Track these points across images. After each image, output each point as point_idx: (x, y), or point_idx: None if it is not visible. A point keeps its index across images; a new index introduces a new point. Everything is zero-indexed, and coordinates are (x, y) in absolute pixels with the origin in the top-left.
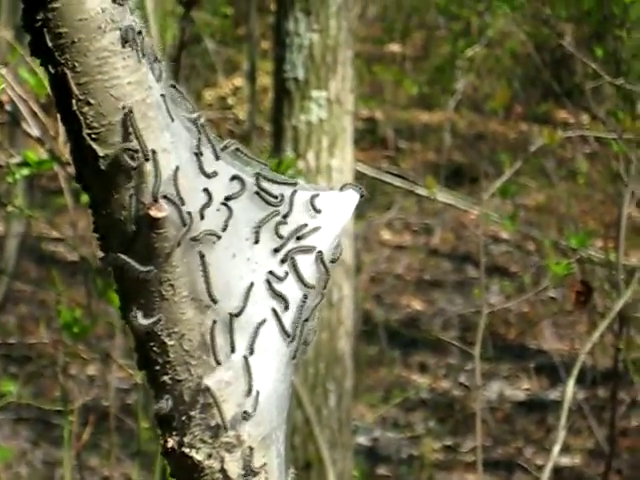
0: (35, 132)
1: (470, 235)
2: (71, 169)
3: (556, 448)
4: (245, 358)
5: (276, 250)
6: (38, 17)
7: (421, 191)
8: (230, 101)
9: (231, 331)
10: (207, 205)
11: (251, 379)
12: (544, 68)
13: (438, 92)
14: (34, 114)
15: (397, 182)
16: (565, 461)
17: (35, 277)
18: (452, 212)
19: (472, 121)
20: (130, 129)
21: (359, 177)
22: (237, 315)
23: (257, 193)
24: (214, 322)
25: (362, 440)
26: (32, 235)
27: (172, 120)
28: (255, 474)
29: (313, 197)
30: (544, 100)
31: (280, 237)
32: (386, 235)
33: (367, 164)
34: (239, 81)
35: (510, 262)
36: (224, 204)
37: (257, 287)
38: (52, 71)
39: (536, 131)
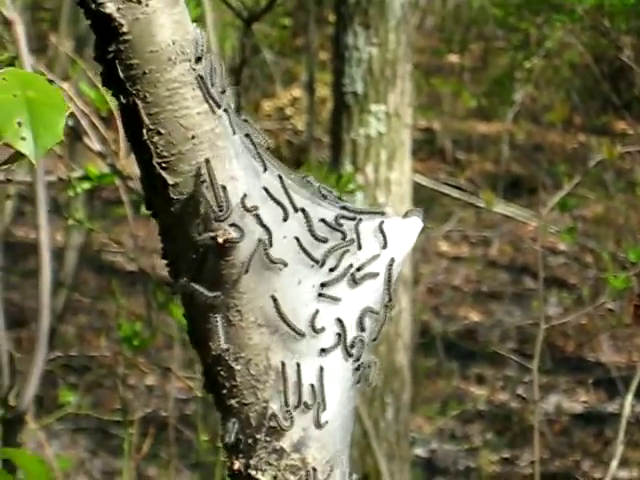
0: (96, 146)
1: (528, 247)
2: (132, 183)
3: (614, 462)
4: (312, 386)
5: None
6: (110, 49)
7: (479, 203)
8: (288, 112)
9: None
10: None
11: (324, 407)
12: (603, 79)
13: (496, 103)
14: (95, 128)
15: (455, 193)
16: (623, 475)
17: (94, 287)
18: (510, 224)
19: (530, 132)
20: (207, 179)
21: (417, 188)
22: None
23: (324, 221)
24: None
25: (419, 452)
26: (92, 245)
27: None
28: None
29: (381, 224)
30: (603, 112)
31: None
32: (444, 246)
33: (425, 175)
34: (297, 92)
35: (568, 274)
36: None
37: (322, 313)
38: (124, 101)
39: (594, 142)
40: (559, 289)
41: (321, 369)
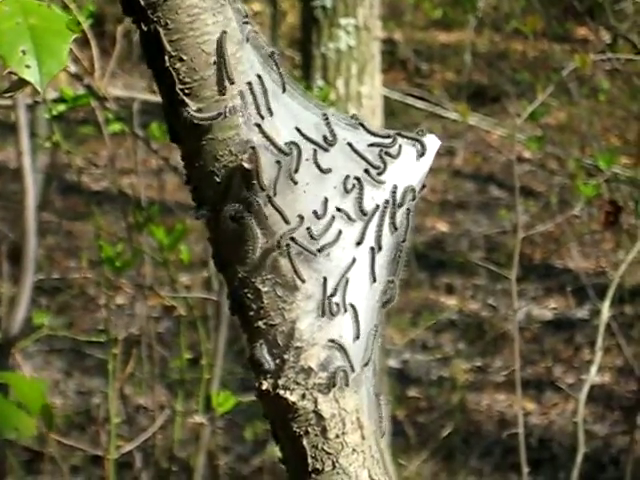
0: (71, 68)
1: (493, 156)
2: (108, 103)
3: (593, 369)
4: (353, 307)
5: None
6: None
7: (448, 114)
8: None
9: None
10: (299, 157)
11: (359, 325)
12: None
13: (459, 14)
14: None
15: (421, 105)
16: (595, 379)
17: (60, 208)
18: (474, 133)
19: (492, 41)
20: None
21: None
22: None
23: (351, 147)
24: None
25: (392, 363)
26: (56, 165)
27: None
28: (347, 413)
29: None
30: (564, 18)
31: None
32: None
33: (388, 87)
34: (257, 6)
35: (534, 182)
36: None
37: (345, 234)
38: (145, 29)
39: (557, 49)
40: (525, 197)
41: (347, 281)
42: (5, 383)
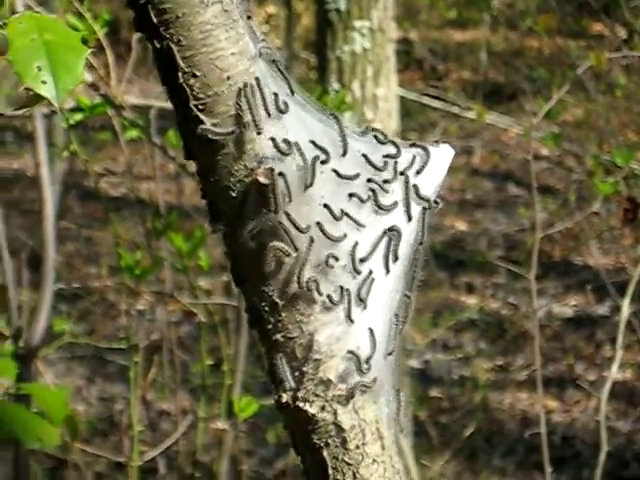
0: (87, 77)
1: (510, 154)
2: (125, 112)
3: (614, 367)
4: (371, 330)
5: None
6: None
7: (465, 113)
8: (264, 29)
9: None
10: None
11: (375, 343)
12: None
13: (474, 13)
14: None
15: (437, 104)
16: (617, 376)
17: (79, 214)
18: (491, 131)
19: (508, 38)
20: (245, 104)
21: (399, 101)
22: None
23: (364, 156)
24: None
25: (414, 363)
26: (74, 172)
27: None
28: (366, 424)
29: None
30: (579, 14)
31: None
32: None
33: (404, 87)
34: (271, 8)
35: (551, 179)
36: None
37: (361, 245)
38: (158, 46)
39: (572, 46)
40: (543, 195)
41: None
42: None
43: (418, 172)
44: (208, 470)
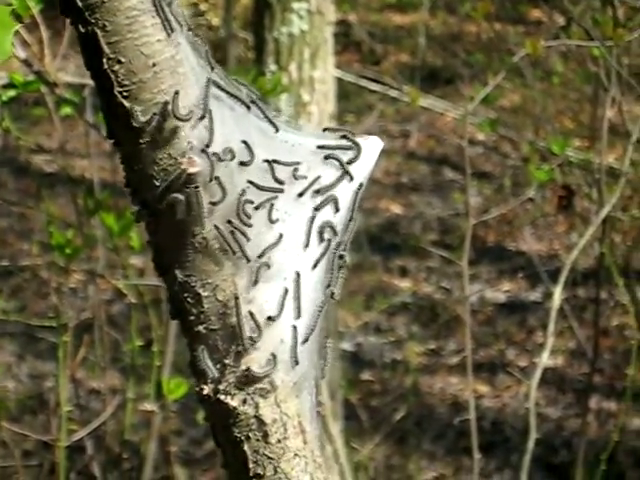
0: (21, 53)
1: (447, 138)
2: (58, 90)
3: (545, 354)
4: (294, 327)
5: (300, 194)
6: None
7: (402, 96)
8: (202, 7)
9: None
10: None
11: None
12: None
13: None
14: (17, 34)
15: (375, 87)
16: (548, 363)
17: (13, 189)
18: (428, 115)
19: (446, 22)
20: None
21: (337, 83)
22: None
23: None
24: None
25: (346, 346)
26: (8, 147)
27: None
28: (288, 418)
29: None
30: (518, 0)
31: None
32: None
33: (342, 69)
34: None
35: (487, 164)
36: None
37: (286, 238)
38: (82, 30)
39: (511, 31)
40: (479, 179)
41: (286, 291)
42: None
43: (349, 163)
44: (136, 450)
